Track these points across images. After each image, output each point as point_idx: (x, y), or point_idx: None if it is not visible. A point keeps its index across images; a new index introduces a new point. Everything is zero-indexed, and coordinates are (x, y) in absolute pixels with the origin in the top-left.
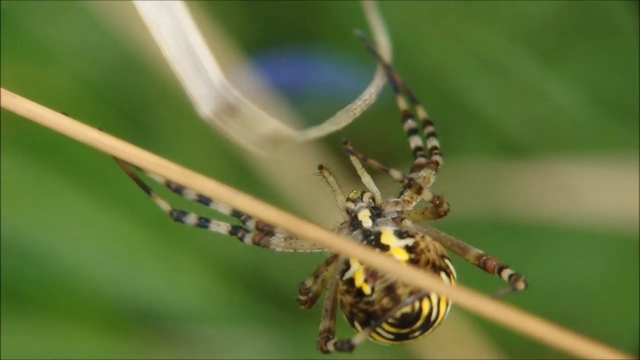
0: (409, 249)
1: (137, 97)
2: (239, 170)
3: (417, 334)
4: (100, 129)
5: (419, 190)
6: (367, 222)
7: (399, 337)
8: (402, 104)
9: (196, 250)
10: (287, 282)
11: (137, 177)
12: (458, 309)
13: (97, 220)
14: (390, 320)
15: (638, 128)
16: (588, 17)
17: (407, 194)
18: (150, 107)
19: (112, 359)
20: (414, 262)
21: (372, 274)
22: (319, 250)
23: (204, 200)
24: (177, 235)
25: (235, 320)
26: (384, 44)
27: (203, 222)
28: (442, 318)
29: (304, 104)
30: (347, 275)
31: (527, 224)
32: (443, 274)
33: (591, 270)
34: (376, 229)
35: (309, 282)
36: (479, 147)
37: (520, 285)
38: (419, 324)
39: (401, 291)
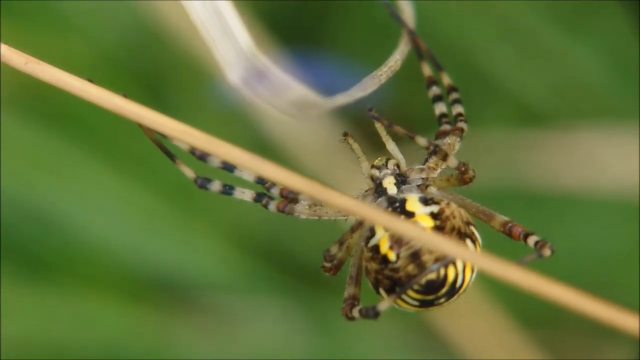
0: (434, 215)
1: (157, 66)
2: (259, 142)
3: (442, 300)
4: (125, 96)
5: (444, 157)
6: (392, 189)
7: (424, 304)
8: (427, 70)
9: (216, 220)
10: (306, 252)
11: (162, 144)
12: (481, 280)
13: (117, 190)
14: (416, 287)
15: None
16: None
17: (432, 161)
18: (170, 77)
19: (132, 326)
20: (439, 229)
21: (397, 241)
22: (343, 218)
23: (229, 168)
24: (197, 205)
25: (255, 290)
26: (407, 11)
27: (227, 189)
28: (468, 285)
29: None
30: (372, 242)
31: (549, 193)
32: (468, 241)
33: (614, 239)
34: (401, 195)
35: (333, 249)
36: (501, 116)
37: (547, 252)
38: (444, 290)
39: (426, 258)
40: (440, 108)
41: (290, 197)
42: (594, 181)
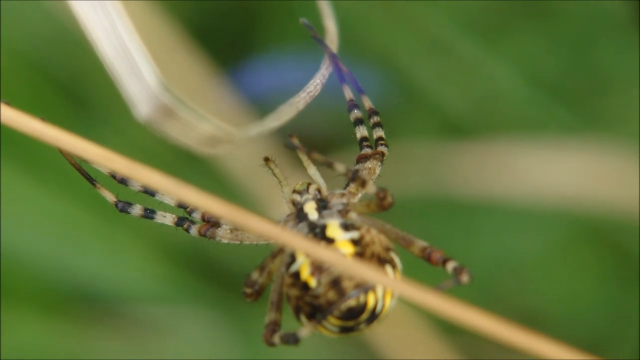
0: (354, 242)
1: (83, 75)
2: (186, 151)
3: (362, 326)
4: (44, 119)
5: (363, 184)
6: (313, 215)
7: (344, 330)
8: (348, 93)
9: (142, 232)
10: (234, 263)
11: (81, 168)
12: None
13: (40, 202)
14: (336, 313)
15: (575, 109)
16: None
17: (353, 186)
18: (97, 86)
19: (51, 337)
20: (359, 255)
21: (317, 268)
22: (265, 243)
23: (150, 192)
24: (122, 217)
25: (181, 302)
26: (331, 30)
27: (148, 214)
28: (387, 311)
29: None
30: (293, 268)
31: (469, 203)
32: (388, 267)
33: (531, 246)
34: (322, 221)
35: (254, 275)
36: (423, 127)
37: (464, 278)
38: (364, 317)
39: (346, 284)
40: (361, 132)
41: (211, 221)
42: (512, 191)
